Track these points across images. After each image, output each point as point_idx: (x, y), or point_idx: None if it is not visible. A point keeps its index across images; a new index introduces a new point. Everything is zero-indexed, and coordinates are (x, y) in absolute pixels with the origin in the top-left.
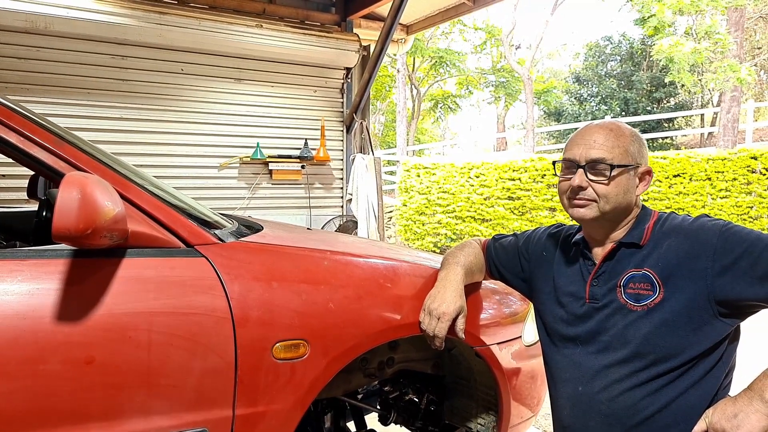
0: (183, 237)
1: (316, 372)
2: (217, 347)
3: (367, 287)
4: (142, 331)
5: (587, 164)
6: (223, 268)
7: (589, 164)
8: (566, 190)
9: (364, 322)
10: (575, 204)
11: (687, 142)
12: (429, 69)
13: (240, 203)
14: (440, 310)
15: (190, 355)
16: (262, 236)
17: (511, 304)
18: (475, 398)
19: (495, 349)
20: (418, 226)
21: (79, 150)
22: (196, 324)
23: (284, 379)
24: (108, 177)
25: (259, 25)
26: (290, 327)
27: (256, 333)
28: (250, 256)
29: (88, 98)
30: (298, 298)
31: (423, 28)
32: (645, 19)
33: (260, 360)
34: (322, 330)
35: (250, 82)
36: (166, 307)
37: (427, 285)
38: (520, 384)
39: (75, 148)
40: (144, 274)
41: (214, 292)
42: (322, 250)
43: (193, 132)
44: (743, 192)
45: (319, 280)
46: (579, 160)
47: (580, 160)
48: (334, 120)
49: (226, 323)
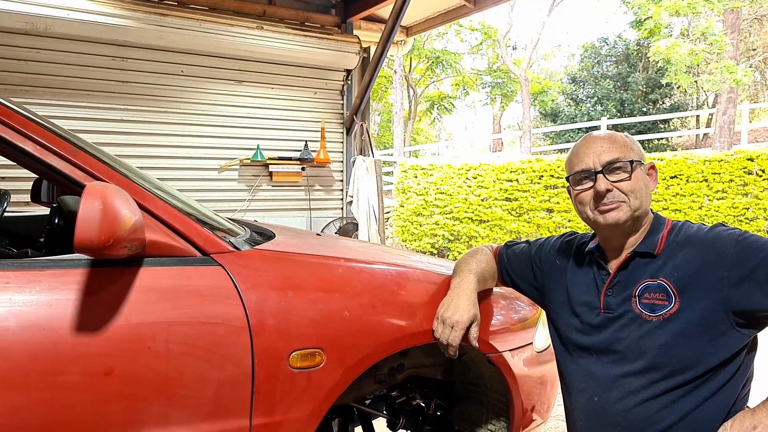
0: (199, 245)
1: (332, 381)
2: (235, 357)
3: (382, 295)
4: (160, 342)
5: (604, 168)
6: (239, 277)
7: (605, 167)
8: (589, 200)
9: (379, 331)
10: (604, 209)
11: (683, 143)
12: (425, 70)
13: (240, 205)
14: (454, 319)
15: (208, 365)
16: (276, 244)
17: (521, 310)
18: (486, 404)
19: (507, 356)
20: (415, 227)
21: (95, 159)
22: (213, 334)
23: (301, 388)
24: (125, 186)
25: (259, 26)
26: (306, 336)
27: (273, 342)
28: (266, 264)
29: (88, 100)
30: (314, 307)
31: (423, 30)
32: (641, 22)
33: (277, 369)
34: (337, 339)
35: (251, 83)
36: (184, 316)
37: (440, 292)
38: (532, 390)
39: (91, 157)
40: (161, 283)
41: (231, 301)
42: (335, 258)
43: (194, 134)
44: (740, 193)
45: (334, 288)
46: (594, 167)
47: (595, 166)
48: (334, 122)
49: (243, 333)
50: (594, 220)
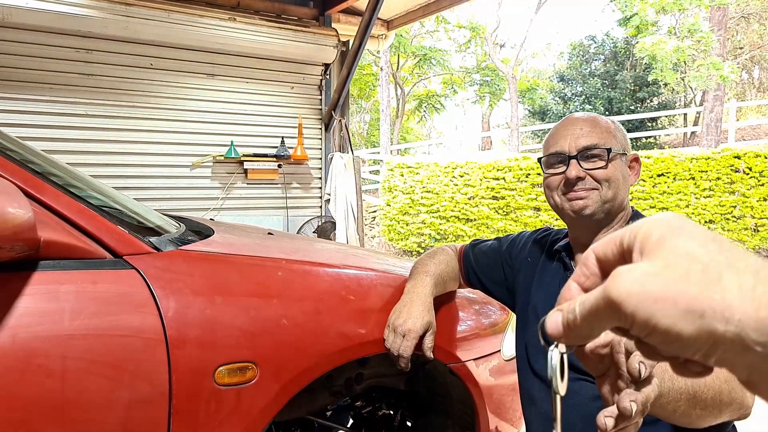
0: (109, 246)
1: (266, 398)
2: (148, 374)
3: (328, 300)
4: (54, 358)
5: (579, 153)
6: (156, 282)
7: (581, 153)
8: (558, 185)
9: (324, 340)
10: (573, 197)
11: (670, 141)
12: (413, 68)
13: (213, 204)
14: (405, 327)
15: (115, 384)
16: (208, 243)
17: (490, 315)
18: (452, 416)
19: (471, 366)
20: (401, 226)
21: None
22: (122, 347)
23: (229, 407)
24: (17, 176)
25: (232, 18)
26: (236, 348)
27: (195, 356)
28: (190, 266)
29: (50, 94)
30: (246, 315)
31: (404, 23)
32: (627, 19)
33: (200, 387)
34: (273, 350)
35: (224, 77)
36: (85, 328)
37: (397, 296)
38: (501, 400)
39: None
40: (58, 290)
41: (145, 309)
42: (276, 259)
43: (163, 129)
44: (726, 191)
45: (272, 293)
46: (569, 151)
47: (570, 150)
48: (312, 117)
49: (158, 346)
50: (561, 206)
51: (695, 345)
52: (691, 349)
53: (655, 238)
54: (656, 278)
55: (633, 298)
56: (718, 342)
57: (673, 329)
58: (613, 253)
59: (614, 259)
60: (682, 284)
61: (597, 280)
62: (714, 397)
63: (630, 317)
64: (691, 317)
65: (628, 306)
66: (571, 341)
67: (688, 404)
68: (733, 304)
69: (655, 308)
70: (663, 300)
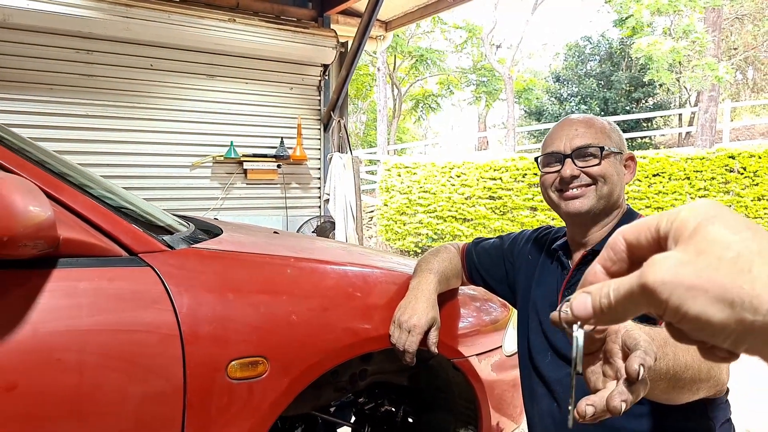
0: (125, 244)
1: (276, 392)
2: (163, 368)
3: (335, 297)
4: (72, 353)
5: (573, 152)
6: (170, 279)
7: (575, 152)
8: (552, 182)
9: (331, 336)
10: (568, 196)
11: (665, 141)
12: (410, 68)
13: (213, 204)
14: (411, 323)
15: (130, 379)
16: (219, 242)
17: (491, 311)
18: (454, 412)
19: (474, 361)
20: (399, 226)
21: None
22: (137, 343)
23: (241, 401)
24: (36, 176)
25: (231, 19)
26: (247, 343)
27: (208, 351)
28: (203, 264)
29: (50, 94)
30: (256, 311)
31: (402, 25)
32: (623, 20)
33: (213, 381)
34: (283, 346)
35: (224, 78)
36: (102, 324)
37: (401, 293)
38: (503, 395)
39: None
40: (77, 286)
41: (160, 305)
42: (284, 257)
43: (164, 130)
44: (721, 191)
45: (281, 290)
46: (564, 150)
47: (566, 150)
48: (311, 118)
49: (173, 341)
50: (557, 204)
51: (724, 332)
52: (720, 336)
53: (691, 226)
54: (689, 266)
55: (667, 285)
56: (747, 330)
57: (702, 316)
58: (647, 239)
59: (648, 246)
60: (713, 273)
61: (624, 265)
62: (693, 376)
63: (664, 304)
64: (721, 306)
65: (663, 293)
66: (601, 323)
67: (668, 384)
68: (762, 294)
69: (687, 296)
70: (694, 288)
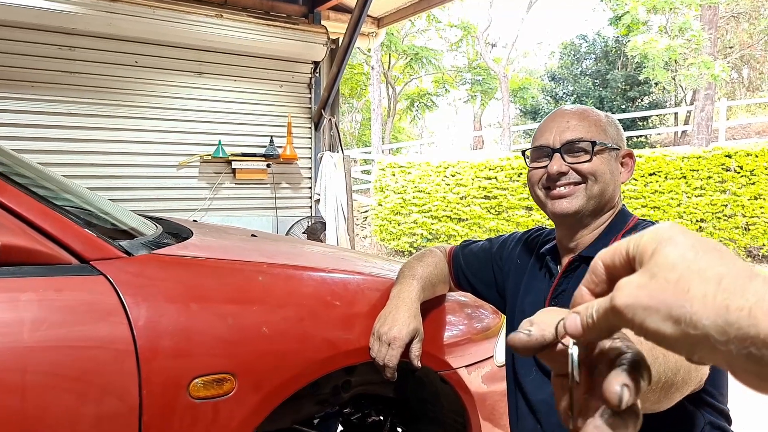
0: (75, 250)
1: (245, 411)
2: (116, 387)
3: (312, 306)
4: (14, 372)
5: (563, 147)
6: (126, 288)
7: (565, 146)
8: (539, 179)
9: (308, 348)
10: (555, 195)
11: (661, 140)
12: (404, 67)
13: (201, 204)
14: (390, 335)
15: (81, 400)
16: (185, 246)
17: (482, 319)
18: (443, 424)
19: (463, 373)
20: (393, 226)
21: None
22: (87, 360)
23: (204, 422)
24: None
25: (219, 15)
26: (213, 358)
27: (168, 368)
28: (164, 272)
29: (31, 92)
30: (224, 323)
31: (394, 21)
32: (619, 18)
33: (173, 400)
34: (253, 360)
35: (212, 75)
36: (48, 339)
37: (385, 301)
38: (494, 407)
39: None
40: (18, 298)
41: (113, 318)
42: (256, 263)
43: (149, 128)
44: (718, 190)
45: (252, 299)
46: (553, 144)
47: (554, 144)
48: (301, 116)
49: (127, 357)
50: (544, 203)
51: (678, 344)
52: (676, 348)
53: (650, 250)
54: (644, 289)
55: (629, 308)
56: (693, 343)
57: (659, 332)
58: (621, 262)
59: (622, 267)
60: (661, 294)
61: (605, 286)
62: (684, 377)
63: (631, 322)
64: (670, 323)
65: (628, 314)
66: (589, 339)
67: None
68: (697, 312)
69: (645, 315)
70: (649, 308)
